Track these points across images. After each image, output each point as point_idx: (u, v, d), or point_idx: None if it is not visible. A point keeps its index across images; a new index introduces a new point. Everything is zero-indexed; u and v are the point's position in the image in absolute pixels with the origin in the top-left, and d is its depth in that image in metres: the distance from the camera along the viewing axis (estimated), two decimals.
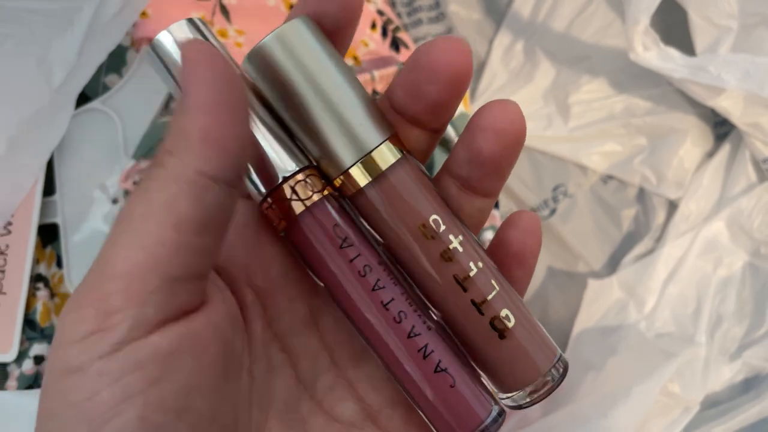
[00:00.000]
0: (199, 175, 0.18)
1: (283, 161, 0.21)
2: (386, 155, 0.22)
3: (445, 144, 0.55)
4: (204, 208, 0.18)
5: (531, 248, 0.23)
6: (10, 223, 0.46)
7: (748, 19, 0.55)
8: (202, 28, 0.22)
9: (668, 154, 0.60)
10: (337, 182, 0.22)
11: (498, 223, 0.54)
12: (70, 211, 0.48)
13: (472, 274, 0.22)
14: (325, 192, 0.22)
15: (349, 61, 0.52)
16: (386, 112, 0.23)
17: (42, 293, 0.46)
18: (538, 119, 0.61)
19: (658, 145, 0.61)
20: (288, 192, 0.21)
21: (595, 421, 0.48)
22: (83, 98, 0.48)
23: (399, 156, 0.22)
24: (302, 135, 0.22)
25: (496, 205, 0.57)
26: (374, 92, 0.51)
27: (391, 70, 0.51)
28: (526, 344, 0.22)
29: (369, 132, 0.21)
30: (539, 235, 0.23)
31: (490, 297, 0.22)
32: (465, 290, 0.22)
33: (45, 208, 0.47)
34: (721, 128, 0.62)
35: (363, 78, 0.50)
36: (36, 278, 0.47)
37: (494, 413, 0.22)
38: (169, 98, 0.49)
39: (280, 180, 0.21)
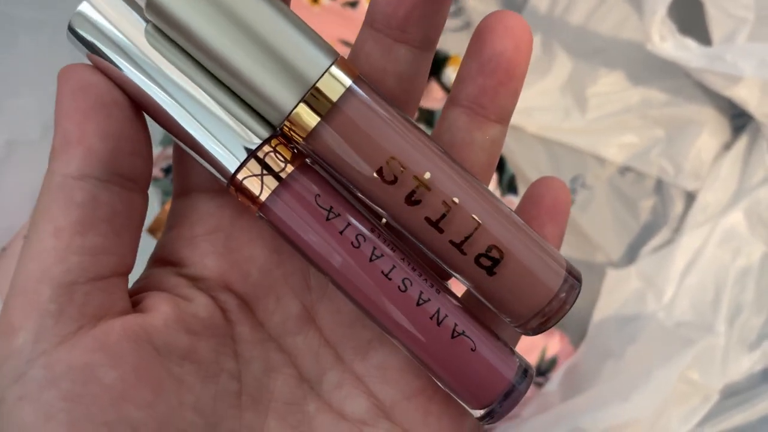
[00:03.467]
0: (64, 178, 0.18)
1: (239, 137, 0.19)
2: (334, 84, 0.18)
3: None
4: (78, 208, 0.18)
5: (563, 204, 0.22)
6: None
7: (764, 10, 0.56)
8: None
9: (685, 146, 0.61)
10: (292, 134, 0.19)
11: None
12: None
13: (446, 212, 0.19)
14: (300, 160, 0.20)
15: None
16: (365, 39, 0.20)
17: None
18: (556, 111, 0.62)
19: (675, 137, 0.61)
20: (257, 169, 0.19)
21: (616, 404, 0.48)
22: None
23: (351, 82, 0.19)
24: (240, 88, 0.18)
25: (515, 192, 0.58)
26: None
27: None
28: (525, 270, 0.20)
29: (308, 60, 0.18)
30: (568, 196, 0.23)
31: (470, 234, 0.19)
32: (441, 232, 0.19)
33: None
34: (739, 120, 0.62)
35: None
36: None
37: (521, 372, 0.21)
38: None
39: (241, 161, 0.19)
